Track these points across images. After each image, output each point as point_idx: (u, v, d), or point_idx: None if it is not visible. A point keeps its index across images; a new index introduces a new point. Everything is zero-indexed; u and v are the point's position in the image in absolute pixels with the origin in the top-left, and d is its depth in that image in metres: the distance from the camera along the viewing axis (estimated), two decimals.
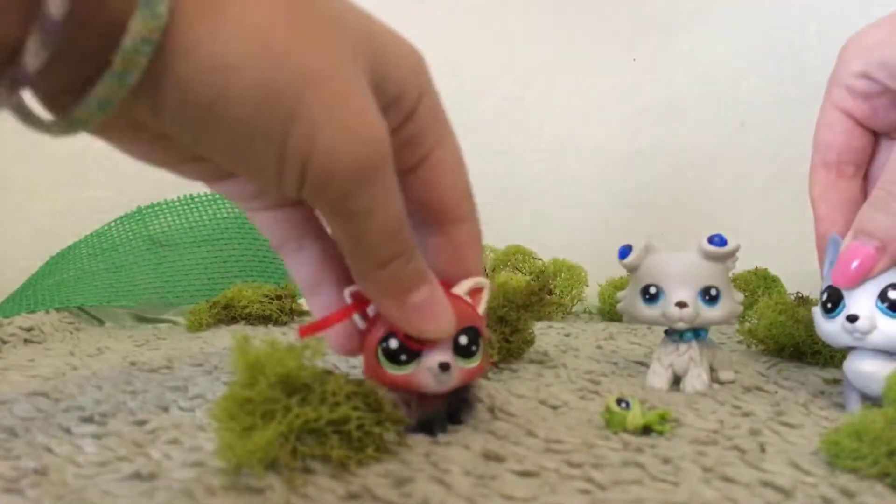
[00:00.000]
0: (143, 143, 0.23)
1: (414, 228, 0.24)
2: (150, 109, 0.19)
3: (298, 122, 0.19)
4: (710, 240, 0.34)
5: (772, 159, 0.77)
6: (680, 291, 0.34)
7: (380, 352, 0.25)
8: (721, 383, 0.36)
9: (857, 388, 0.31)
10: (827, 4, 0.76)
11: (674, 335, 0.36)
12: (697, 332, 0.35)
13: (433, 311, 0.24)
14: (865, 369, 0.30)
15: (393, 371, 0.25)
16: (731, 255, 0.35)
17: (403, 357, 0.25)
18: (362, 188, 0.20)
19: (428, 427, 0.27)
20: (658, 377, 0.36)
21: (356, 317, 0.26)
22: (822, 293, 0.31)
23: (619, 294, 0.37)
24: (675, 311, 0.33)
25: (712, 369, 0.36)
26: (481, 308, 0.27)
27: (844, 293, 0.30)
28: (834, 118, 0.35)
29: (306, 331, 0.24)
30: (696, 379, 0.35)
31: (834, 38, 0.82)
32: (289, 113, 0.19)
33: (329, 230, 0.26)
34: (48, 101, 0.20)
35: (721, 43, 0.77)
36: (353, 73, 0.21)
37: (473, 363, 0.26)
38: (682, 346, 0.36)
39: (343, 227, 0.22)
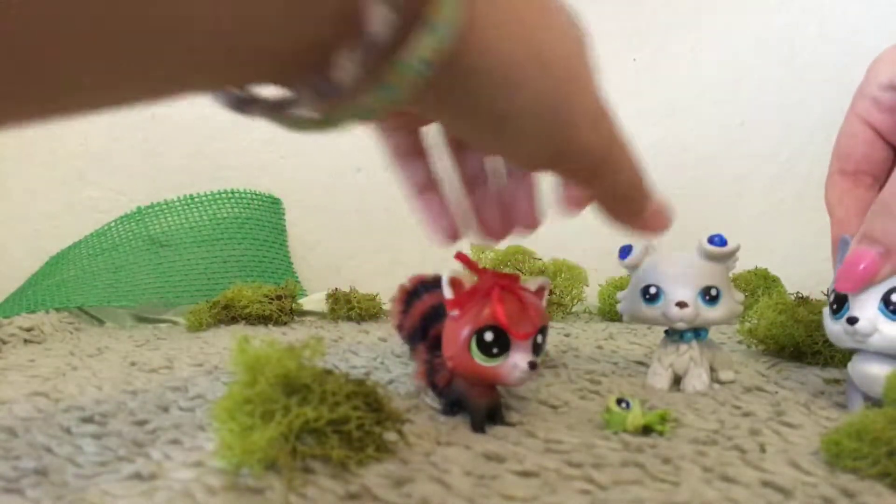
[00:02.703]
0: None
1: None
2: (438, 115, 0.21)
3: (564, 121, 0.22)
4: (710, 240, 0.34)
5: (772, 159, 0.77)
6: (680, 291, 0.34)
7: (474, 342, 0.26)
8: (721, 383, 0.36)
9: (862, 390, 0.31)
10: (827, 4, 0.76)
11: (674, 335, 0.36)
12: (697, 332, 0.35)
13: (660, 215, 0.28)
14: (871, 372, 0.30)
15: (482, 362, 0.26)
16: (731, 255, 0.35)
17: (495, 350, 0.26)
18: (610, 158, 0.24)
19: (476, 418, 0.28)
20: (658, 377, 0.36)
21: (446, 291, 0.27)
22: (830, 294, 0.31)
23: (619, 294, 0.37)
24: (676, 311, 0.34)
25: (712, 369, 0.36)
26: (543, 304, 0.29)
27: (849, 296, 0.30)
28: (856, 129, 0.35)
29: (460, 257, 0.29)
30: (697, 379, 0.35)
31: (834, 38, 0.82)
32: (558, 115, 0.21)
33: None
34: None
35: (721, 43, 0.77)
36: (592, 65, 0.23)
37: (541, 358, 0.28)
38: (683, 346, 0.36)
39: (597, 187, 0.25)
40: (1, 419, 0.30)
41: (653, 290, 0.34)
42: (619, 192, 0.26)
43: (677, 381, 0.36)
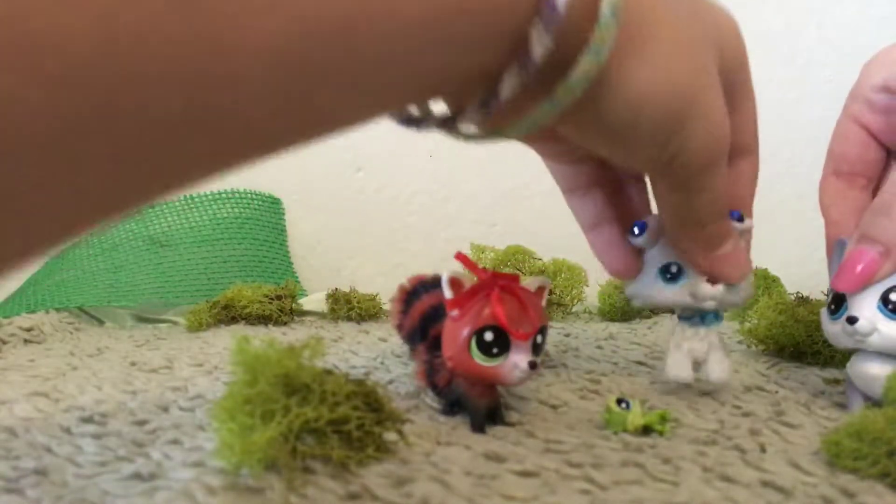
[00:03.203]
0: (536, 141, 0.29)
1: None
2: (564, 125, 0.22)
3: (679, 135, 0.23)
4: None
5: (772, 159, 0.77)
6: None
7: (474, 342, 0.26)
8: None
9: (861, 390, 0.31)
10: (827, 4, 0.76)
11: (694, 318, 0.33)
12: (717, 315, 0.33)
13: (735, 260, 0.29)
14: (870, 372, 0.30)
15: (482, 362, 0.27)
16: (748, 231, 0.33)
17: (495, 350, 0.26)
18: (707, 173, 0.25)
19: (475, 418, 0.28)
20: (680, 366, 0.33)
21: (446, 291, 0.27)
22: (828, 294, 0.31)
23: None
24: (707, 288, 0.31)
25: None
26: (543, 304, 0.29)
27: (847, 295, 0.30)
28: (850, 130, 0.35)
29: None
30: (718, 364, 0.33)
31: (834, 39, 0.82)
32: (676, 130, 0.23)
33: (660, 197, 0.29)
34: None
35: None
36: (716, 80, 0.24)
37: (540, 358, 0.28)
38: (703, 331, 0.33)
39: (681, 197, 0.26)
40: (1, 419, 0.30)
41: (674, 269, 0.32)
42: (696, 212, 0.27)
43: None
